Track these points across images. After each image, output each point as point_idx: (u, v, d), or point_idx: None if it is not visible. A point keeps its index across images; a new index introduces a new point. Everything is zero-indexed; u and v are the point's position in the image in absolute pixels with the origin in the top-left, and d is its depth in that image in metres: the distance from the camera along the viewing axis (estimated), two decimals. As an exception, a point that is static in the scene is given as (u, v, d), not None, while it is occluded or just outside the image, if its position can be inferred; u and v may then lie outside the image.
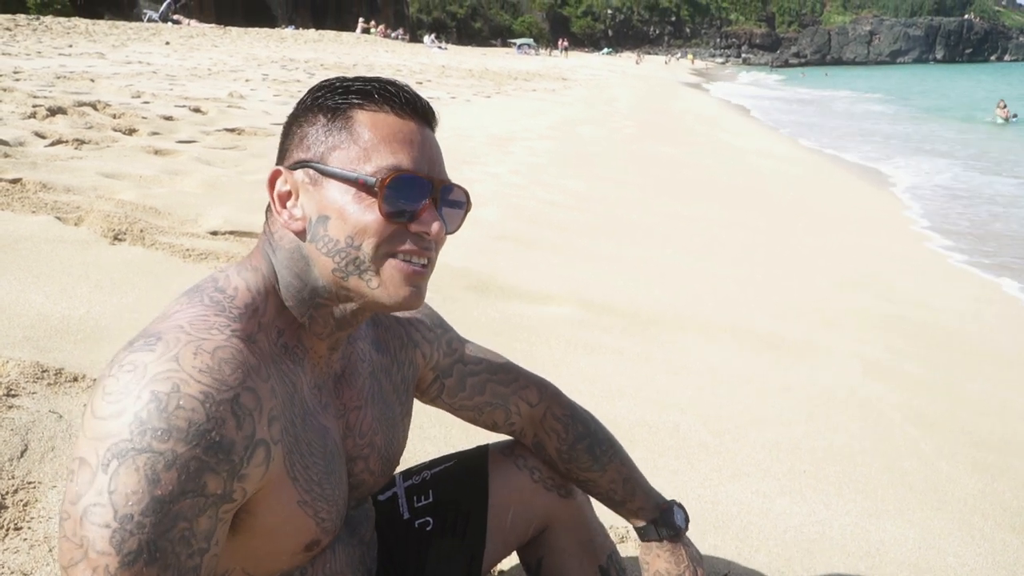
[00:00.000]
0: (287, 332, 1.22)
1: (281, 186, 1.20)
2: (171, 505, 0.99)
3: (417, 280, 1.19)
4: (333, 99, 1.20)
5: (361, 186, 1.15)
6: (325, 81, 1.23)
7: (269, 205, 1.23)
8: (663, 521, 1.68)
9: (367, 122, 1.18)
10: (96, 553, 0.97)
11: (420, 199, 1.18)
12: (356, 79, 1.22)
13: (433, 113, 1.25)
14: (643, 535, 1.70)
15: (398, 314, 1.52)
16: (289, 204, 1.20)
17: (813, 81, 67.38)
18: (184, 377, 1.02)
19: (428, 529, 1.66)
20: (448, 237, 1.24)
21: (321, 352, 1.27)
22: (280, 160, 1.24)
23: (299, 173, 1.19)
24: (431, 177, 1.19)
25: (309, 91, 1.23)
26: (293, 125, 1.23)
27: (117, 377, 1.02)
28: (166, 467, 0.98)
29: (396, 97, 1.19)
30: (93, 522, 0.97)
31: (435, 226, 1.18)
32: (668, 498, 1.75)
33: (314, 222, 1.17)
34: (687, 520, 1.72)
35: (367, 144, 1.16)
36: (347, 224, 1.15)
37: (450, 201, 1.24)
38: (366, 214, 1.15)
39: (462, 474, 1.71)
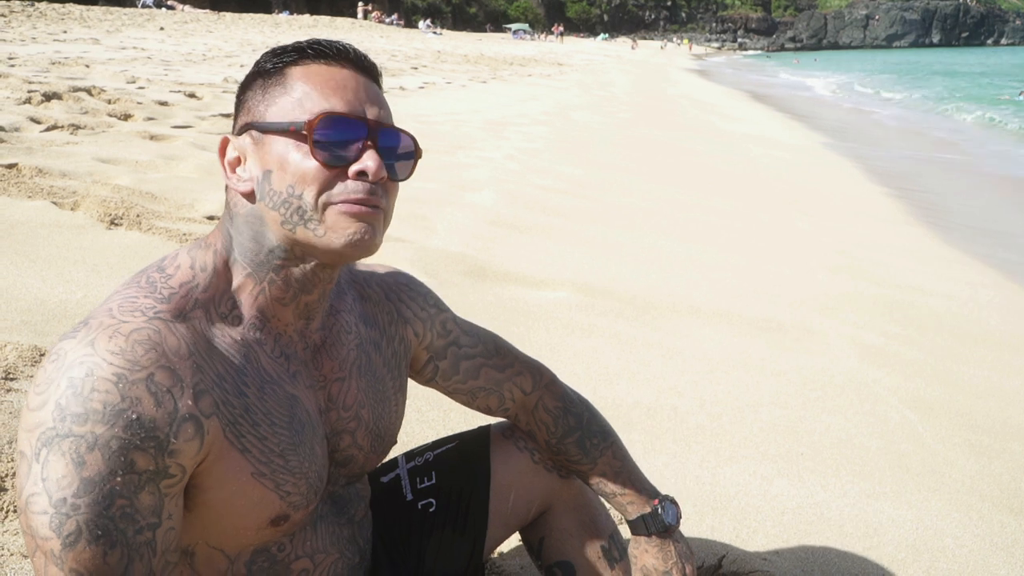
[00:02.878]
0: (244, 303, 1.22)
1: (230, 153, 1.22)
2: (102, 484, 1.01)
3: (366, 217, 1.16)
4: (270, 62, 1.21)
5: (294, 134, 1.15)
6: (268, 50, 1.24)
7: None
8: (653, 517, 1.66)
9: (300, 75, 1.19)
10: (41, 539, 1.00)
11: (355, 140, 1.16)
12: (295, 42, 1.23)
13: (373, 66, 1.24)
14: (633, 529, 1.68)
15: (388, 289, 1.52)
16: (239, 169, 1.21)
17: (805, 67, 66.08)
18: (97, 361, 1.03)
19: (431, 511, 1.65)
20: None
21: (287, 319, 1.26)
22: (232, 130, 1.25)
23: (244, 137, 1.21)
24: (365, 118, 1.17)
25: (255, 62, 1.25)
26: (240, 95, 1.24)
27: (45, 368, 1.06)
28: (88, 448, 1.00)
29: (329, 48, 1.20)
30: (34, 511, 1.00)
31: (372, 165, 1.15)
32: (664, 486, 1.74)
33: (260, 180, 1.18)
34: (679, 516, 1.69)
35: (300, 94, 1.17)
36: (287, 174, 1.15)
37: (395, 151, 1.22)
38: (304, 161, 1.14)
39: (464, 456, 1.71)
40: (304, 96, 1.16)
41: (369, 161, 1.15)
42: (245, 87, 1.23)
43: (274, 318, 1.25)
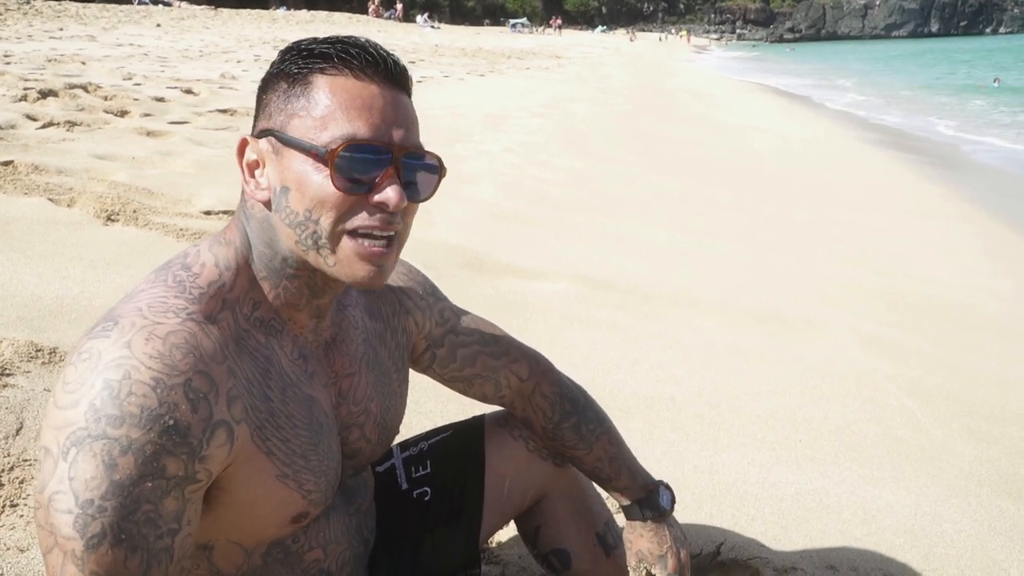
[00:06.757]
0: (263, 305, 1.21)
1: (249, 155, 1.19)
2: (131, 488, 1.00)
3: (378, 259, 1.15)
4: (296, 63, 1.16)
5: (316, 157, 1.11)
6: (293, 43, 1.19)
7: None
8: (648, 502, 1.68)
9: (326, 87, 1.13)
10: (63, 538, 0.99)
11: (378, 169, 1.12)
12: (323, 41, 1.16)
13: (403, 74, 1.18)
14: (628, 514, 1.71)
15: (388, 282, 1.52)
16: (257, 173, 1.18)
17: (793, 57, 63.89)
18: (135, 364, 1.02)
19: (426, 499, 1.66)
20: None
21: (303, 322, 1.26)
22: (252, 129, 1.22)
23: (263, 142, 1.17)
24: (390, 144, 1.13)
25: (279, 53, 1.20)
26: (261, 92, 1.20)
27: (76, 366, 1.04)
28: (122, 452, 0.99)
29: (357, 59, 1.13)
30: (57, 509, 0.99)
31: (393, 196, 1.12)
32: (663, 475, 1.75)
33: (278, 192, 1.15)
34: (673, 501, 1.72)
35: (324, 112, 1.12)
36: (305, 196, 1.12)
37: (421, 166, 1.18)
38: (324, 186, 1.11)
39: (459, 445, 1.71)
40: (328, 115, 1.11)
41: (391, 192, 1.12)
42: (266, 86, 1.19)
43: (290, 320, 1.24)
